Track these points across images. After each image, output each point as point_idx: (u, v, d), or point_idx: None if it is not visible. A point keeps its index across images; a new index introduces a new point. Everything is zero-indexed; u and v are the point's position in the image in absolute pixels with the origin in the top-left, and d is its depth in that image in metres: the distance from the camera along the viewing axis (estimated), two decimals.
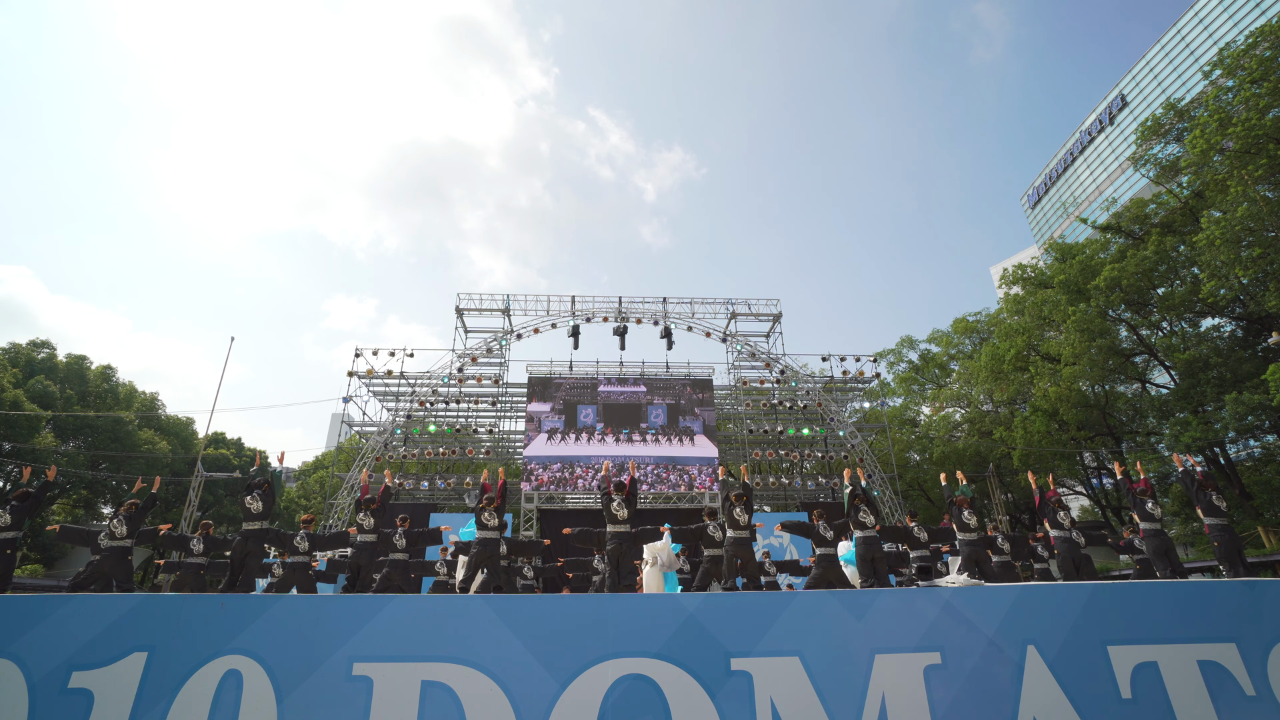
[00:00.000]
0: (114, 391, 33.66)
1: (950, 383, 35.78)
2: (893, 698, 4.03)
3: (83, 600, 4.22)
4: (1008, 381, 28.18)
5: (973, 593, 4.57)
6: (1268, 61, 19.48)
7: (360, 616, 4.14)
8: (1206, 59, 28.62)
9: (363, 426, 25.53)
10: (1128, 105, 61.13)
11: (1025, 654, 4.22)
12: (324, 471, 41.45)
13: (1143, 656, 4.25)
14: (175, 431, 36.17)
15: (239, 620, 4.10)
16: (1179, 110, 24.14)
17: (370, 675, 3.94)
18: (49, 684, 3.87)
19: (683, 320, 25.86)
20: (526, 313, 25.94)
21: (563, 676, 3.99)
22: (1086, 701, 4.09)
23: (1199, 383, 22.38)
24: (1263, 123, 18.86)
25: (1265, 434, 23.94)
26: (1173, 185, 25.26)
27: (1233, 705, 4.12)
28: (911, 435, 35.42)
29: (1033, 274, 30.37)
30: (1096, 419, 25.64)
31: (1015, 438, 26.56)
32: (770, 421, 25.63)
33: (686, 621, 4.20)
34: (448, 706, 3.88)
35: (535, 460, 22.53)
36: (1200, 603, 4.56)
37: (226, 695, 3.87)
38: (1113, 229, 27.59)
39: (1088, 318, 23.38)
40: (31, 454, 28.33)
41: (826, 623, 4.30)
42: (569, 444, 22.93)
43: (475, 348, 25.17)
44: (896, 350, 38.31)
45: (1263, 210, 18.75)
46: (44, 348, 32.10)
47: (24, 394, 27.59)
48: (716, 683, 4.02)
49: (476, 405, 25.34)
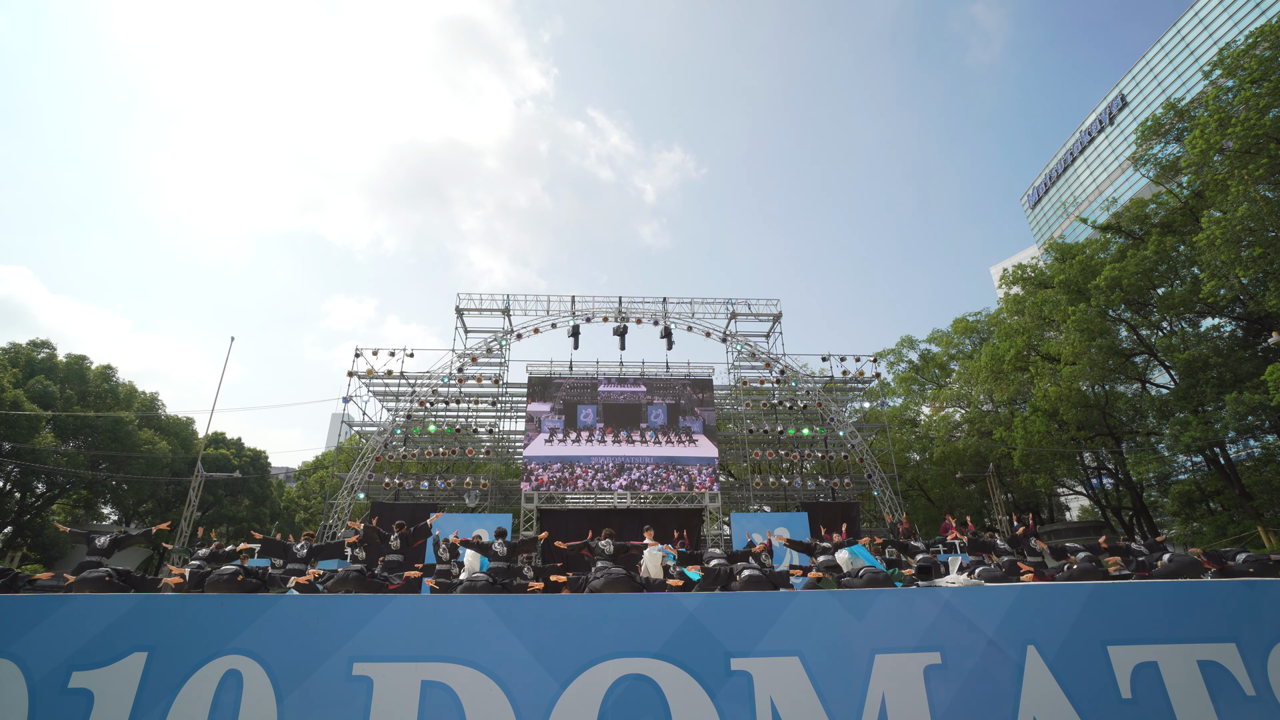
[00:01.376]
0: (114, 391, 33.65)
1: (950, 383, 35.77)
2: (893, 698, 4.03)
3: (83, 600, 4.22)
4: (1008, 381, 28.17)
5: (973, 593, 4.57)
6: (1267, 61, 19.47)
7: (360, 616, 4.14)
8: (1206, 59, 28.61)
9: (363, 426, 25.53)
10: (1128, 105, 61.14)
11: (1025, 654, 4.22)
12: (324, 471, 41.45)
13: (1143, 656, 4.25)
14: (175, 431, 36.17)
15: (239, 620, 4.10)
16: (1179, 110, 24.13)
17: (370, 675, 3.94)
18: (49, 684, 3.87)
19: (683, 320, 25.86)
20: (526, 313, 25.96)
21: (563, 676, 3.99)
22: (1086, 701, 4.09)
23: (1199, 383, 22.38)
24: (1262, 122, 18.85)
25: (1265, 434, 23.94)
26: (1173, 185, 25.25)
27: (1233, 705, 4.12)
28: (911, 435, 35.42)
29: (1033, 274, 30.36)
30: (1096, 419, 25.63)
31: (1015, 438, 26.56)
32: (770, 421, 25.63)
33: (686, 621, 4.20)
34: (448, 706, 3.88)
35: (535, 460, 22.53)
36: (1200, 603, 4.56)
37: (226, 695, 3.87)
38: (1113, 229, 27.57)
39: (1088, 318, 23.37)
40: (31, 454, 28.33)
41: (826, 623, 4.29)
42: (569, 444, 22.93)
43: (475, 348, 25.17)
44: (896, 350, 38.30)
45: (1263, 210, 18.74)
46: (44, 348, 32.09)
47: (24, 394, 27.59)
48: (716, 683, 4.02)
49: (476, 405, 25.34)
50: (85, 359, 33.18)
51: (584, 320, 25.37)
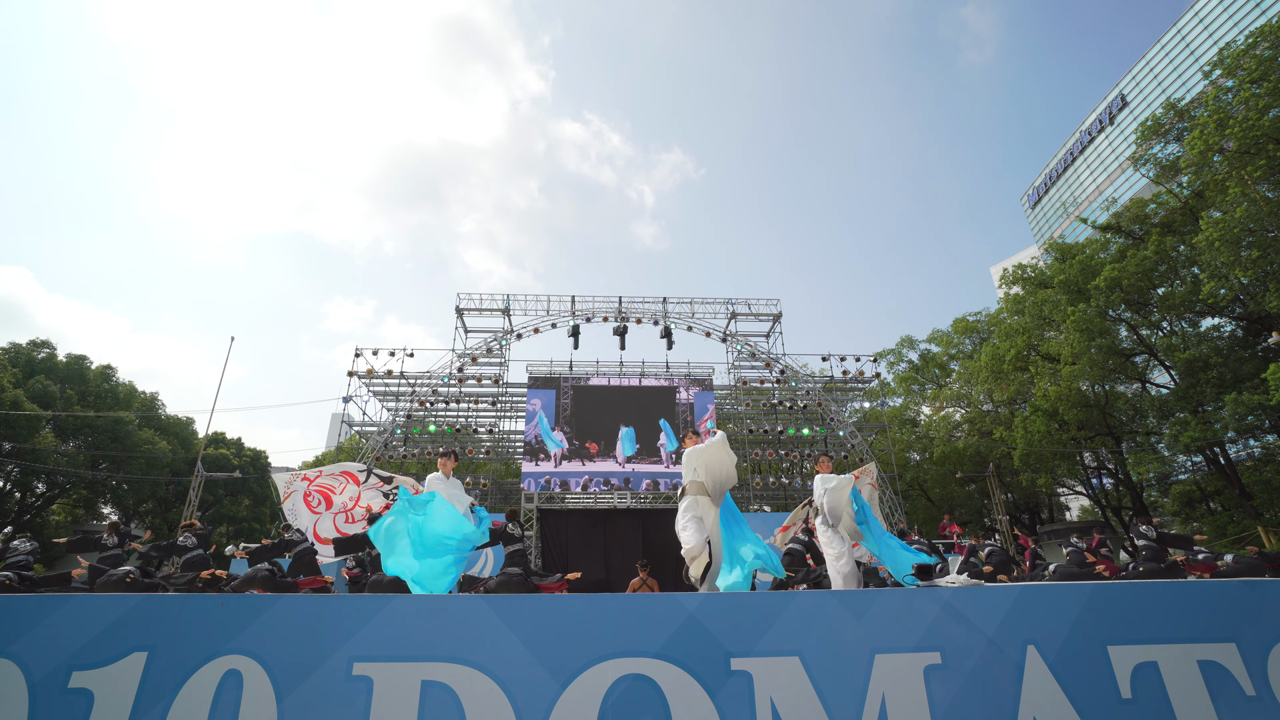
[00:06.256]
0: (114, 391, 33.63)
1: (950, 383, 35.76)
2: (893, 698, 4.03)
3: (83, 600, 4.22)
4: (1008, 381, 28.16)
5: (973, 593, 4.57)
6: (1267, 61, 19.45)
7: (360, 616, 4.14)
8: (1207, 59, 28.59)
9: (363, 426, 25.53)
10: (1128, 105, 61.12)
11: (1025, 654, 4.22)
12: None
13: (1143, 656, 4.25)
14: (175, 431, 36.16)
15: (239, 620, 4.10)
16: (1179, 110, 24.11)
17: (370, 675, 3.94)
18: (49, 684, 3.87)
19: (683, 320, 25.85)
20: (526, 313, 25.95)
21: (563, 676, 3.99)
22: (1086, 701, 4.09)
23: (1199, 383, 22.37)
24: (1261, 123, 18.84)
25: (1265, 434, 23.93)
26: (1173, 185, 25.24)
27: (1233, 705, 4.12)
28: (911, 435, 35.41)
29: (1033, 274, 30.35)
30: (1096, 419, 25.62)
31: (1015, 438, 26.55)
32: (770, 421, 25.62)
33: (686, 621, 4.20)
34: (448, 706, 3.88)
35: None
36: (1200, 603, 4.56)
37: (226, 695, 3.87)
38: (1113, 229, 27.57)
39: (1088, 318, 23.36)
40: (31, 454, 28.32)
41: (826, 623, 4.29)
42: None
43: (475, 348, 25.16)
44: (896, 350, 38.28)
45: (1262, 210, 18.73)
46: (44, 348, 32.08)
47: (24, 394, 27.58)
48: (716, 683, 4.02)
49: (476, 405, 25.33)
50: (85, 359, 33.16)
51: (584, 320, 25.36)
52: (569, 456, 22.60)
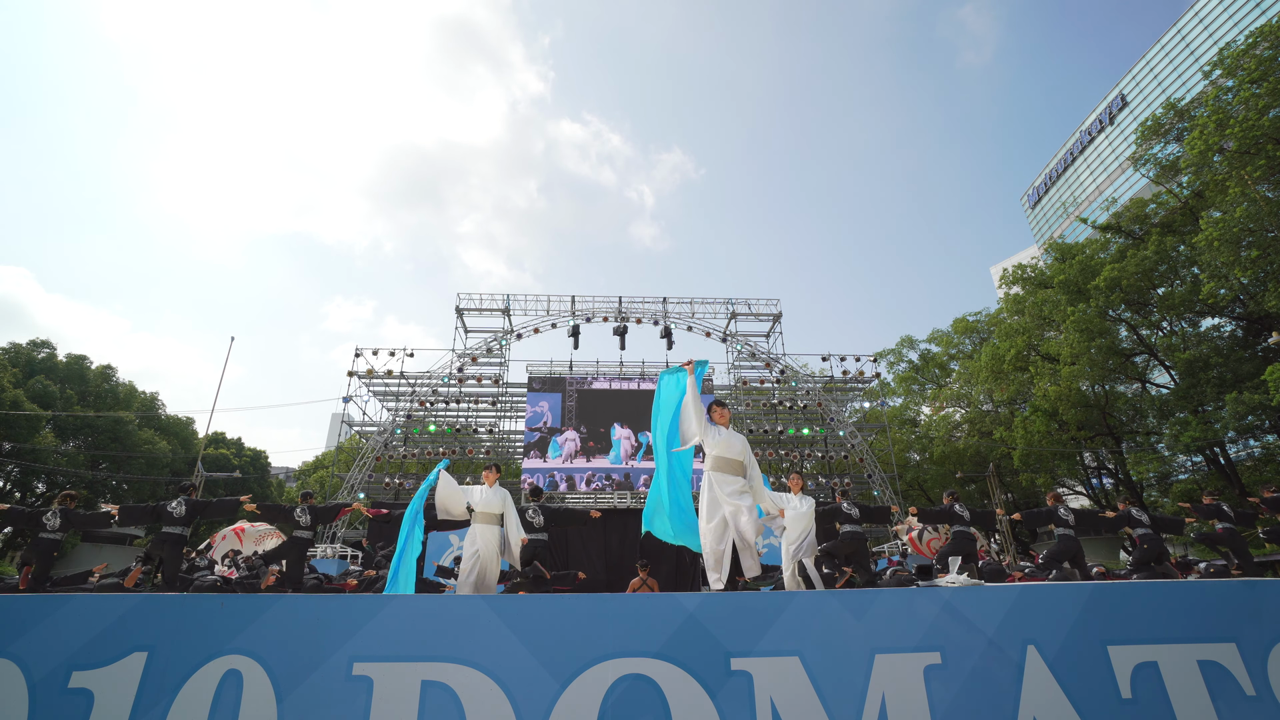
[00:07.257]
0: (114, 391, 33.64)
1: (950, 383, 35.76)
2: (893, 698, 4.03)
3: (83, 600, 4.22)
4: (1008, 381, 28.16)
5: (973, 593, 4.57)
6: (1267, 61, 19.45)
7: (360, 616, 4.14)
8: (1207, 59, 28.60)
9: (363, 426, 25.52)
10: (1128, 105, 61.14)
11: (1025, 654, 4.22)
12: (324, 471, 41.46)
13: (1143, 656, 4.25)
14: (175, 431, 36.18)
15: (239, 620, 4.10)
16: (1179, 110, 24.12)
17: (370, 675, 3.94)
18: (49, 684, 3.87)
19: (683, 320, 25.85)
20: (526, 313, 25.95)
21: (563, 676, 3.98)
22: (1086, 701, 4.08)
23: (1199, 383, 22.37)
24: (1261, 123, 18.84)
25: (1265, 434, 23.93)
26: (1173, 185, 25.25)
27: (1233, 705, 4.12)
28: (911, 435, 35.41)
29: (1033, 274, 30.36)
30: (1096, 419, 25.63)
31: (1015, 438, 26.55)
32: (770, 421, 25.62)
33: (686, 621, 4.19)
34: (448, 706, 3.87)
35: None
36: (1200, 603, 4.55)
37: (226, 695, 3.86)
38: (1113, 229, 27.57)
39: (1087, 318, 23.37)
40: (31, 454, 28.33)
41: (826, 622, 4.29)
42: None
43: (475, 348, 25.16)
44: (896, 350, 38.29)
45: (1262, 210, 18.74)
46: (44, 347, 32.09)
47: (24, 394, 27.58)
48: (716, 683, 4.01)
49: (476, 405, 25.33)
50: (85, 359, 33.17)
51: (584, 320, 25.36)
52: (574, 456, 22.64)
